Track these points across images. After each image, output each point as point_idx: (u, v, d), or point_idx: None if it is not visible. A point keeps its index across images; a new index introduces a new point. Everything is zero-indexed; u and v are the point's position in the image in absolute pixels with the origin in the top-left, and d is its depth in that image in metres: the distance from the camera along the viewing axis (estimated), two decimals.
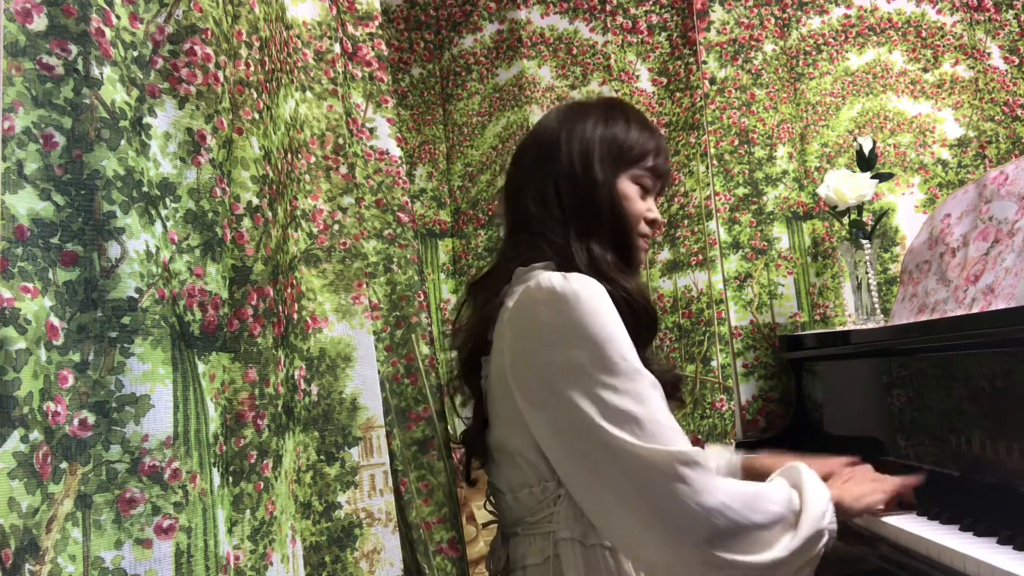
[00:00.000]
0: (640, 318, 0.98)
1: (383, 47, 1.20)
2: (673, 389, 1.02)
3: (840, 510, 0.94)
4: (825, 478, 1.01)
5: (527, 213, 1.08)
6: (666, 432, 0.86)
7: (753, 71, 1.93)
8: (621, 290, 0.97)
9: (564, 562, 0.94)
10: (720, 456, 1.30)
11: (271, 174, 0.86)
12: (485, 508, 1.08)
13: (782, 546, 0.85)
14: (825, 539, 0.89)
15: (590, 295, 0.91)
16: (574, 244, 1.02)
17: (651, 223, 1.11)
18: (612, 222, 1.05)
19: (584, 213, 1.04)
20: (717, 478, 0.86)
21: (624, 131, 1.08)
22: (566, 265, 1.00)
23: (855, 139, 1.88)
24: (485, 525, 1.76)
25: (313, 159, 1.03)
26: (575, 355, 0.89)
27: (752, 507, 0.85)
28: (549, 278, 0.93)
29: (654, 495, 0.84)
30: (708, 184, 1.88)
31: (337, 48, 1.09)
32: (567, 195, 1.05)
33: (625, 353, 0.89)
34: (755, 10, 1.96)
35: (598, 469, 0.88)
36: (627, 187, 1.08)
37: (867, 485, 1.06)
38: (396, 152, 1.20)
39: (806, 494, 0.91)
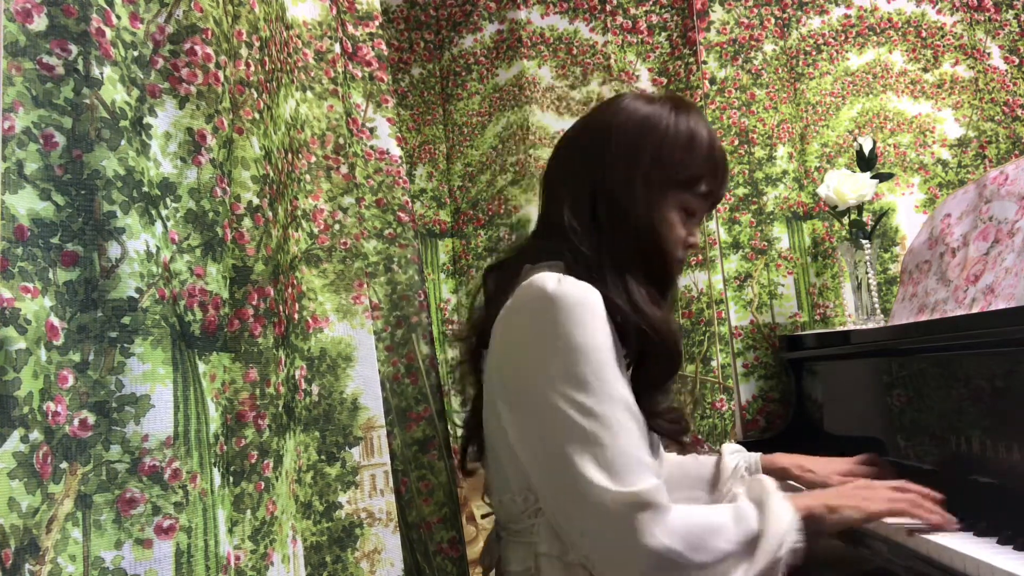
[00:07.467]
0: (657, 357, 0.92)
1: (383, 47, 1.20)
2: (672, 435, 0.97)
3: (812, 521, 0.89)
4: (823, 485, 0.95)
5: (558, 216, 0.99)
6: (630, 464, 0.82)
7: (753, 71, 1.93)
8: (646, 324, 0.91)
9: None
10: (737, 457, 1.26)
11: (272, 174, 0.86)
12: (483, 499, 1.08)
13: None
14: (785, 559, 0.85)
15: (579, 302, 0.85)
16: (610, 275, 0.92)
17: (689, 246, 1.01)
18: (648, 251, 0.95)
19: (618, 234, 0.95)
20: (671, 515, 0.82)
21: (681, 146, 0.96)
22: (575, 268, 0.94)
23: (855, 139, 1.88)
24: (483, 516, 1.75)
25: (314, 159, 1.03)
26: (551, 365, 0.85)
27: (699, 547, 0.82)
28: (543, 280, 0.88)
29: (599, 534, 0.83)
30: None
31: (337, 48, 1.09)
32: (602, 209, 0.95)
33: (601, 372, 0.84)
34: (755, 10, 1.96)
35: (555, 491, 0.86)
36: (670, 213, 0.97)
37: (852, 499, 0.95)
38: (396, 152, 1.20)
39: (768, 517, 0.86)
